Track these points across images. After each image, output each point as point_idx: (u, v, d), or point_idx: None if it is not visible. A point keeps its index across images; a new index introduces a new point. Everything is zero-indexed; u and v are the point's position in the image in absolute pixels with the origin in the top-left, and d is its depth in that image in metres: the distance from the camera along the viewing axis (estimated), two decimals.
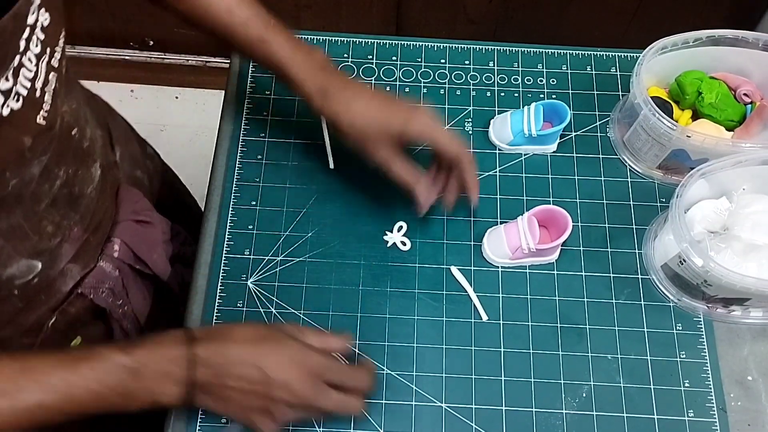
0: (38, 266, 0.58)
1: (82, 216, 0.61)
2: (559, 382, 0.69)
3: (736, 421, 0.68)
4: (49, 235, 0.58)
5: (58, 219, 0.58)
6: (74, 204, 0.59)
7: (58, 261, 0.60)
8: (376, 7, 1.44)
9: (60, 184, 0.56)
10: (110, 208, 0.67)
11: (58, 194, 0.56)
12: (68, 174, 0.57)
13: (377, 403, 0.68)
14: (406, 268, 0.74)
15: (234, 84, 0.85)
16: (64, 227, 0.59)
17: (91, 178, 0.62)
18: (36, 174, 0.53)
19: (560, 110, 0.78)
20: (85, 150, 0.60)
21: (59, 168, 0.56)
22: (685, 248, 0.66)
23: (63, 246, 0.60)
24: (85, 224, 0.62)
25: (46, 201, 0.55)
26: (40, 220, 0.56)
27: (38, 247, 0.57)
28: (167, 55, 1.69)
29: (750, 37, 0.77)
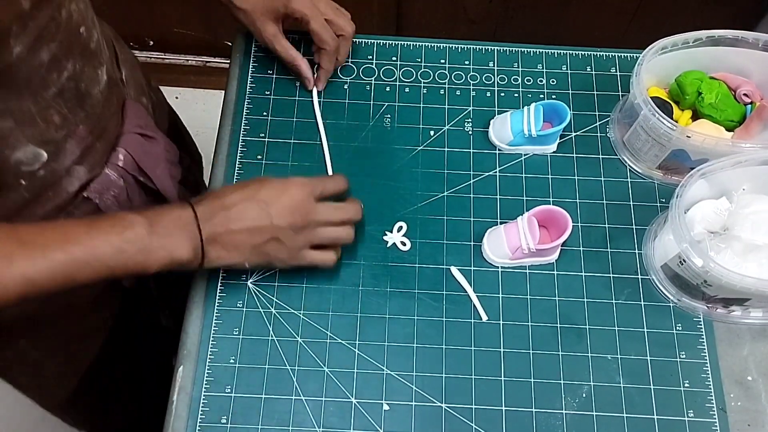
0: (44, 156, 0.60)
1: (88, 115, 0.63)
2: (559, 382, 0.69)
3: (736, 421, 0.68)
4: (55, 126, 0.60)
5: (65, 111, 0.60)
6: (80, 101, 0.62)
7: (63, 156, 0.62)
8: (376, 7, 1.45)
9: (67, 76, 0.59)
10: (116, 118, 0.69)
11: (65, 86, 0.59)
12: (75, 68, 0.60)
13: (377, 403, 0.68)
14: (406, 268, 0.74)
15: (234, 84, 0.85)
16: (70, 121, 0.61)
17: (98, 79, 0.64)
18: (45, 60, 0.56)
19: (560, 110, 0.78)
20: (92, 50, 0.63)
21: (67, 60, 0.59)
22: (685, 248, 0.66)
23: (68, 141, 0.62)
24: (91, 125, 0.64)
25: (53, 89, 0.58)
26: (47, 107, 0.58)
27: (45, 136, 0.59)
28: (167, 55, 1.69)
29: (750, 37, 0.77)
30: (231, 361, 0.69)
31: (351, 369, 0.70)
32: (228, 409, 0.67)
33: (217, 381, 0.68)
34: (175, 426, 0.67)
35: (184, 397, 0.68)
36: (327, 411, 0.68)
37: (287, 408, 0.68)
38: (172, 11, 1.55)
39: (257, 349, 0.70)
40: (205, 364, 0.69)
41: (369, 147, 0.81)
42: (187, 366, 0.69)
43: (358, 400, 0.68)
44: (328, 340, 0.71)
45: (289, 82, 0.84)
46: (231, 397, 0.68)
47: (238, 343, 0.70)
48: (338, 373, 0.69)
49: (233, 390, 0.68)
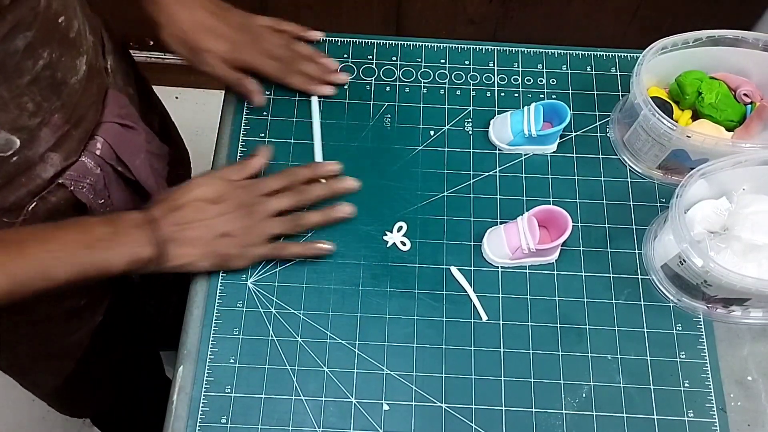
0: (17, 143, 0.60)
1: (63, 104, 0.63)
2: (559, 382, 0.69)
3: (736, 421, 0.68)
4: (29, 113, 0.60)
5: (39, 99, 0.60)
6: (56, 89, 0.62)
7: (37, 144, 0.63)
8: (376, 7, 1.44)
9: (43, 65, 0.59)
10: (95, 107, 0.69)
11: (40, 74, 0.59)
12: (52, 57, 0.60)
13: (377, 403, 0.68)
14: (405, 268, 0.74)
15: None
16: (45, 109, 0.62)
17: (75, 69, 0.64)
18: (20, 48, 0.56)
19: (560, 110, 0.78)
20: (70, 40, 0.63)
21: (43, 49, 0.59)
22: (685, 248, 0.66)
23: (42, 129, 0.62)
24: (67, 114, 0.64)
25: (27, 77, 0.58)
26: (21, 95, 0.58)
27: (17, 123, 0.60)
28: (167, 55, 1.69)
29: (750, 37, 0.77)
30: (231, 361, 0.69)
31: (351, 369, 0.70)
32: (228, 409, 0.67)
33: (217, 381, 0.68)
34: (175, 426, 0.67)
35: (184, 397, 0.68)
36: (327, 411, 0.68)
37: (287, 408, 0.68)
38: None
39: (257, 349, 0.70)
40: (205, 364, 0.69)
41: (369, 147, 0.81)
42: (187, 366, 0.69)
43: (358, 400, 0.68)
44: (328, 340, 0.71)
45: None
46: (231, 397, 0.68)
47: (238, 343, 0.70)
48: (338, 373, 0.69)
49: (233, 390, 0.68)
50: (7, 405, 1.44)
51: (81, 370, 0.89)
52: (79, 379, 0.90)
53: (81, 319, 0.82)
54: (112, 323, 0.86)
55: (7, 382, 1.44)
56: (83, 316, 0.81)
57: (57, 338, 0.81)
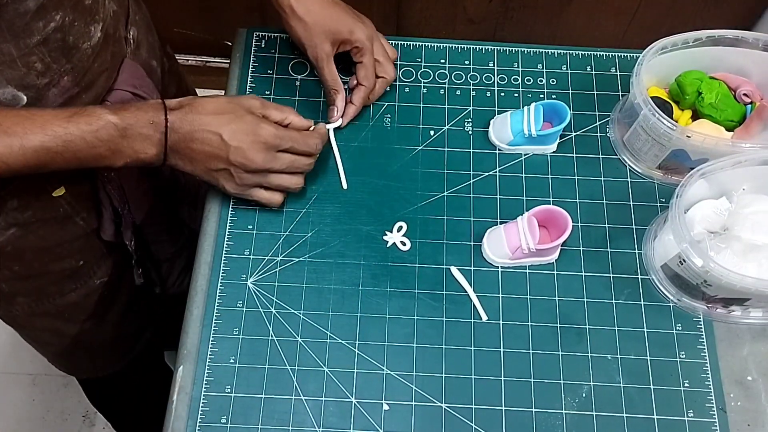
0: (24, 99, 0.61)
1: (74, 67, 0.64)
2: (559, 382, 0.69)
3: (736, 421, 0.68)
4: (37, 72, 0.61)
5: (48, 60, 0.61)
6: (67, 52, 0.63)
7: (44, 103, 0.63)
8: (376, 7, 1.44)
9: (54, 27, 0.60)
10: (108, 74, 0.70)
11: (51, 36, 0.60)
12: (65, 21, 0.61)
13: (377, 403, 0.68)
14: (405, 268, 0.74)
15: (234, 84, 0.85)
16: (54, 70, 0.62)
17: (89, 35, 0.65)
18: (32, 8, 0.57)
19: (560, 110, 0.78)
20: (86, 6, 0.63)
21: (56, 12, 0.60)
22: (685, 248, 0.66)
23: (51, 90, 0.63)
24: (77, 78, 0.65)
25: (37, 37, 0.59)
26: (30, 54, 0.59)
27: (25, 80, 0.61)
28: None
29: (750, 37, 0.77)
30: (231, 361, 0.69)
31: (351, 369, 0.70)
32: (228, 409, 0.67)
33: (217, 381, 0.69)
34: (175, 426, 0.67)
35: (184, 397, 0.68)
36: (327, 411, 0.68)
37: (287, 408, 0.68)
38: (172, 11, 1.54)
39: (257, 349, 0.70)
40: (205, 364, 0.69)
41: (369, 147, 0.81)
42: (187, 366, 0.69)
43: (358, 400, 0.68)
44: (328, 340, 0.71)
45: (289, 82, 0.84)
46: (231, 397, 0.68)
47: (238, 343, 0.70)
48: (338, 373, 0.69)
49: (233, 390, 0.68)
50: (7, 405, 1.44)
51: (78, 331, 0.89)
52: (76, 340, 0.91)
53: (77, 279, 0.82)
54: (110, 288, 0.87)
55: (7, 382, 1.45)
56: (79, 277, 0.82)
57: (52, 296, 0.82)
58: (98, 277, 0.84)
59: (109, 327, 0.93)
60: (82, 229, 0.77)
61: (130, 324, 0.98)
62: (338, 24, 0.76)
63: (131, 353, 1.03)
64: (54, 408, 1.44)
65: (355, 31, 0.76)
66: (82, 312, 0.87)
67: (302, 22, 0.76)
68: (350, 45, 0.78)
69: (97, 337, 0.93)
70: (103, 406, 1.22)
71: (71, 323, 0.88)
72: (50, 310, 0.83)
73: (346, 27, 0.76)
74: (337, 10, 0.77)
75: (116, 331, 0.95)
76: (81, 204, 0.74)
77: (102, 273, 0.84)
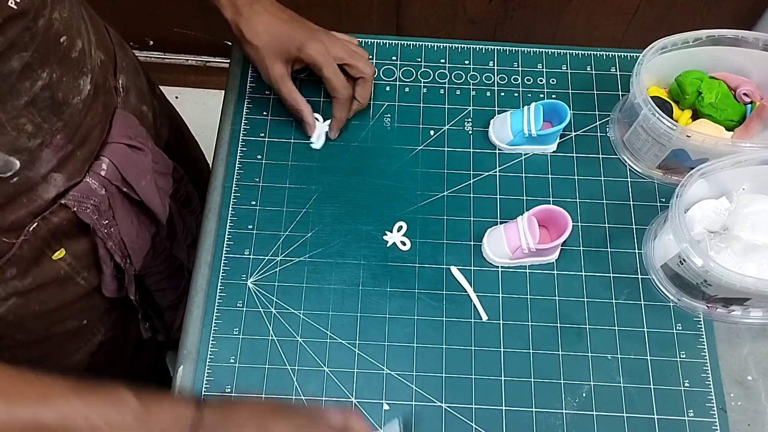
0: (16, 164, 0.58)
1: (65, 124, 0.62)
2: (559, 382, 0.69)
3: (736, 421, 0.68)
4: (28, 134, 0.58)
5: (39, 120, 0.59)
6: (57, 110, 0.60)
7: (38, 165, 0.61)
8: (376, 7, 1.44)
9: (42, 86, 0.57)
10: (101, 127, 0.68)
11: (39, 95, 0.58)
12: (52, 78, 0.58)
13: (377, 403, 0.68)
14: (406, 268, 0.74)
15: (234, 84, 0.85)
16: (45, 130, 0.60)
17: (78, 89, 0.62)
18: (16, 69, 0.54)
19: (560, 110, 0.78)
20: (72, 59, 0.61)
21: (42, 69, 0.57)
22: (685, 248, 0.66)
23: (44, 150, 0.61)
24: (69, 135, 0.63)
25: (25, 98, 0.56)
26: (18, 116, 0.57)
27: (16, 144, 0.58)
28: (167, 55, 1.69)
29: (750, 37, 0.77)
30: (231, 360, 0.69)
31: (351, 369, 0.70)
32: None
33: (217, 381, 0.69)
34: None
35: None
36: None
37: None
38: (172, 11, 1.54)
39: (257, 348, 0.70)
40: (205, 364, 0.69)
41: (369, 147, 0.81)
42: (187, 366, 0.69)
43: (358, 400, 0.68)
44: (328, 340, 0.71)
45: None
46: (231, 397, 0.68)
47: (238, 342, 0.70)
48: (338, 372, 0.69)
49: (233, 390, 0.68)
50: None
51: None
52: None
53: (80, 339, 0.80)
54: (114, 343, 0.85)
55: None
56: (82, 336, 0.80)
57: (55, 359, 0.80)
58: (102, 334, 0.82)
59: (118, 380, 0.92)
60: (84, 289, 0.74)
61: (138, 375, 0.97)
62: (287, 43, 0.75)
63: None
64: None
65: (304, 47, 0.75)
66: (87, 371, 0.84)
67: (251, 45, 0.75)
68: (303, 63, 0.77)
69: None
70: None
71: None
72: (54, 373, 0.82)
73: (295, 45, 0.75)
74: (285, 28, 0.75)
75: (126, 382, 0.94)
76: (81, 263, 0.71)
77: (106, 329, 0.82)
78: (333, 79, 0.76)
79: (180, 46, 1.67)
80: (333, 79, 0.76)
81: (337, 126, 0.80)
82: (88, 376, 0.84)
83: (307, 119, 0.79)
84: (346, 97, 0.78)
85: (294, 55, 0.75)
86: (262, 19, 0.74)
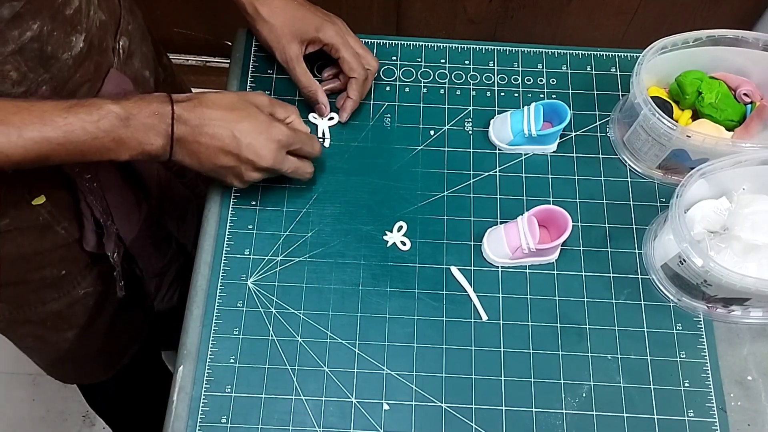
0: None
1: (52, 77, 0.63)
2: (559, 382, 0.69)
3: (736, 421, 0.68)
4: (12, 81, 0.60)
5: (24, 69, 0.60)
6: (44, 62, 0.61)
7: None
8: (376, 7, 1.44)
9: (31, 36, 0.59)
10: (91, 85, 0.68)
11: (27, 46, 0.59)
12: (42, 31, 0.59)
13: (377, 403, 0.68)
14: (406, 268, 0.74)
15: (234, 84, 0.85)
16: (30, 80, 0.61)
17: (69, 45, 0.63)
18: (6, 16, 0.56)
19: (560, 110, 0.78)
20: (66, 16, 0.62)
21: (33, 21, 0.58)
22: (685, 248, 0.66)
23: (28, 98, 0.62)
24: (55, 87, 0.64)
25: (12, 46, 0.58)
26: (4, 63, 0.58)
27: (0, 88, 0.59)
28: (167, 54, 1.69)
29: (750, 37, 0.77)
30: (231, 360, 0.69)
31: (351, 369, 0.70)
32: (228, 408, 0.67)
33: (217, 381, 0.69)
34: (175, 426, 0.67)
35: (184, 396, 0.68)
36: (327, 411, 0.68)
37: (287, 408, 0.68)
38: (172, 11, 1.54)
39: (257, 348, 0.70)
40: (205, 364, 0.69)
41: (369, 147, 0.81)
42: (187, 366, 0.69)
43: (358, 400, 0.68)
44: (328, 340, 0.71)
45: (289, 82, 0.84)
46: (231, 397, 0.68)
47: (238, 342, 0.70)
48: (338, 372, 0.69)
49: (233, 390, 0.68)
50: (7, 405, 1.44)
51: (61, 339, 0.88)
52: (60, 348, 0.89)
53: (59, 289, 0.80)
54: (95, 298, 0.85)
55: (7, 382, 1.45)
56: (61, 286, 0.80)
57: (33, 305, 0.80)
58: (82, 288, 0.83)
59: (96, 337, 0.92)
60: (64, 239, 0.75)
61: (118, 335, 0.97)
62: (304, 23, 0.76)
63: (119, 363, 1.01)
64: (54, 408, 1.44)
65: (322, 29, 0.76)
66: (65, 321, 0.85)
67: (267, 24, 0.76)
68: (320, 43, 0.77)
69: (83, 346, 0.92)
70: (100, 410, 1.22)
71: (54, 332, 0.86)
72: (31, 317, 0.82)
73: (313, 26, 0.76)
74: (302, 10, 0.77)
75: (103, 341, 0.94)
76: (62, 213, 0.73)
77: (86, 284, 0.83)
78: (351, 59, 0.77)
79: (180, 46, 1.67)
80: (351, 59, 0.77)
81: (351, 107, 0.81)
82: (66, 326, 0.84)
83: (321, 99, 0.80)
84: (363, 77, 0.78)
85: (311, 36, 0.76)
86: (277, 2, 0.76)
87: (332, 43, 0.77)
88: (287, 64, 0.78)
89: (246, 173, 0.68)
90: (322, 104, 0.80)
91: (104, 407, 1.21)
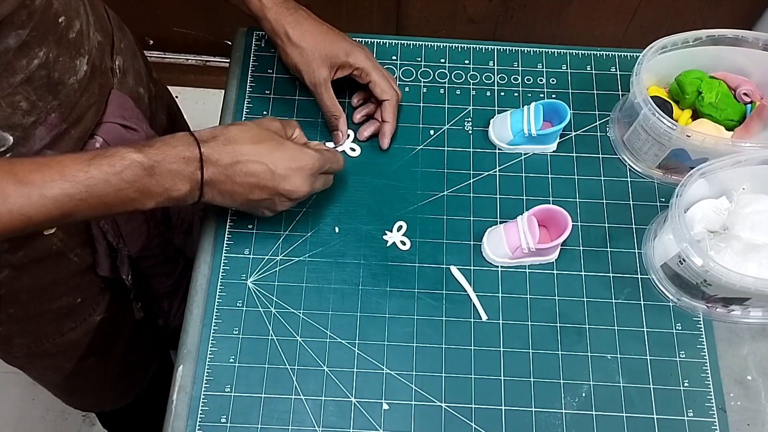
0: (10, 140, 0.59)
1: (61, 103, 0.62)
2: (559, 381, 0.69)
3: (736, 420, 0.68)
4: (22, 112, 0.59)
5: (34, 98, 0.59)
6: (53, 89, 0.61)
7: (31, 141, 0.61)
8: (376, 6, 1.44)
9: (38, 64, 0.58)
10: (96, 107, 0.68)
11: (35, 74, 0.58)
12: (48, 57, 0.59)
13: (377, 403, 0.68)
14: (405, 268, 0.74)
15: (234, 83, 0.85)
16: (40, 108, 0.60)
17: (75, 69, 0.63)
18: (12, 46, 0.55)
19: (560, 110, 0.78)
20: (70, 40, 0.62)
21: (39, 48, 0.58)
22: (685, 248, 0.66)
23: (38, 128, 0.61)
24: (64, 114, 0.63)
25: (21, 76, 0.57)
26: (14, 93, 0.57)
27: (10, 120, 0.58)
28: (167, 54, 1.69)
29: (750, 37, 0.77)
30: (231, 360, 0.69)
31: (351, 368, 0.70)
32: (228, 408, 0.67)
33: (217, 380, 0.69)
34: (174, 425, 0.67)
35: (183, 396, 0.68)
36: (327, 410, 0.68)
37: (287, 407, 0.68)
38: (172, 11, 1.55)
39: (257, 348, 0.70)
40: (205, 364, 0.69)
41: (369, 147, 0.81)
42: (186, 365, 0.69)
43: (357, 400, 0.68)
44: (328, 340, 0.71)
45: (289, 82, 0.84)
46: (231, 397, 0.68)
47: (238, 342, 0.70)
48: (338, 372, 0.69)
49: (233, 389, 0.68)
50: (7, 405, 1.44)
51: (81, 368, 0.88)
52: (79, 377, 0.90)
53: (76, 317, 0.81)
54: (111, 323, 0.86)
55: (7, 382, 1.44)
56: (78, 314, 0.81)
57: (51, 336, 0.80)
58: (98, 314, 0.83)
59: (114, 362, 0.92)
60: (77, 266, 0.75)
61: (135, 357, 0.97)
62: (335, 48, 0.75)
63: (138, 387, 1.02)
64: (54, 407, 1.44)
65: (352, 54, 0.76)
66: (83, 349, 0.85)
67: (298, 48, 0.75)
68: (349, 68, 0.77)
69: (103, 372, 0.92)
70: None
71: (73, 361, 0.86)
72: (50, 349, 0.82)
73: (343, 50, 0.75)
74: (332, 35, 0.76)
75: (122, 365, 0.94)
76: (74, 240, 0.72)
77: (101, 309, 0.83)
78: (382, 82, 0.77)
79: (180, 46, 1.67)
80: (382, 82, 0.77)
81: (390, 131, 0.79)
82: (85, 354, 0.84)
83: (341, 128, 0.79)
84: (396, 100, 0.78)
85: (341, 60, 0.76)
86: (309, 24, 0.76)
87: (363, 67, 0.76)
88: (315, 88, 0.77)
89: (279, 204, 0.68)
90: (341, 131, 0.80)
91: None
